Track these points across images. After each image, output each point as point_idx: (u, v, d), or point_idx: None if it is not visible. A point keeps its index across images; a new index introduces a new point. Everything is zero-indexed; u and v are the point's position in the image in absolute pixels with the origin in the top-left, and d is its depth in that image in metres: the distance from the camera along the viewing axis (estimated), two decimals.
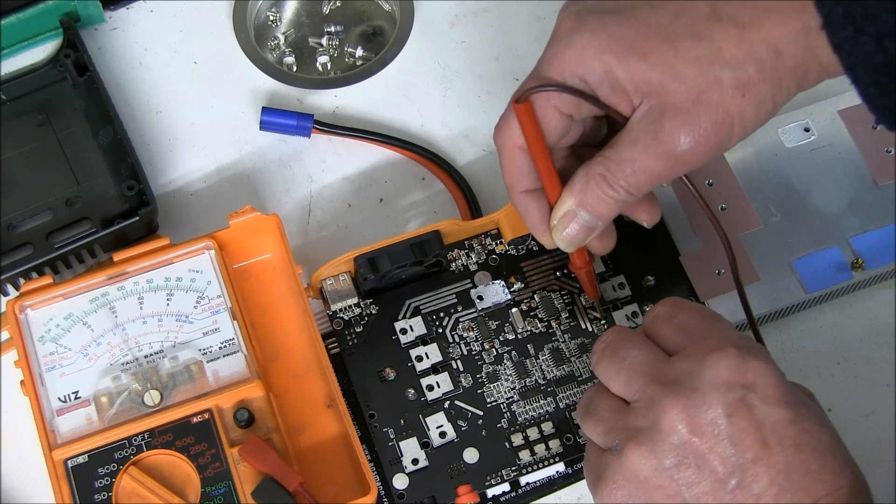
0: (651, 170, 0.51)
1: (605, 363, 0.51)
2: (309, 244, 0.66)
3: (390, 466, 0.58)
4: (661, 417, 0.48)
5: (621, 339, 0.51)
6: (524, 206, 0.56)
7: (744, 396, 0.47)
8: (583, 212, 0.54)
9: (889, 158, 0.65)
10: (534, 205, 0.56)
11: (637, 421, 0.49)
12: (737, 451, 0.47)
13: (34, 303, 0.60)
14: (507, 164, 0.56)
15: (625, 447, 0.48)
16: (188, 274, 0.61)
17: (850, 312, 0.64)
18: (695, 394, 0.47)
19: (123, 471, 0.56)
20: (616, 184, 0.52)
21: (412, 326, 0.61)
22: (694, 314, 0.52)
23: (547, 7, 0.73)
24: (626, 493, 0.49)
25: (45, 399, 0.57)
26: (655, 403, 0.48)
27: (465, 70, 0.71)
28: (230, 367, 0.58)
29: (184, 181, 0.68)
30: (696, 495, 0.47)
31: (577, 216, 0.54)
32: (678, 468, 0.47)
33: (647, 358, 0.50)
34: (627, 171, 0.52)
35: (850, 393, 0.61)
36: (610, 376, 0.51)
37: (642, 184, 0.52)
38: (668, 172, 0.52)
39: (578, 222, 0.54)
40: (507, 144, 0.55)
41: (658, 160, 0.51)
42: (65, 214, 0.64)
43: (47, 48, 0.70)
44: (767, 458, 0.47)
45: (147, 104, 0.70)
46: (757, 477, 0.47)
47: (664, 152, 0.51)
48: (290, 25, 0.74)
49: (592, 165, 0.53)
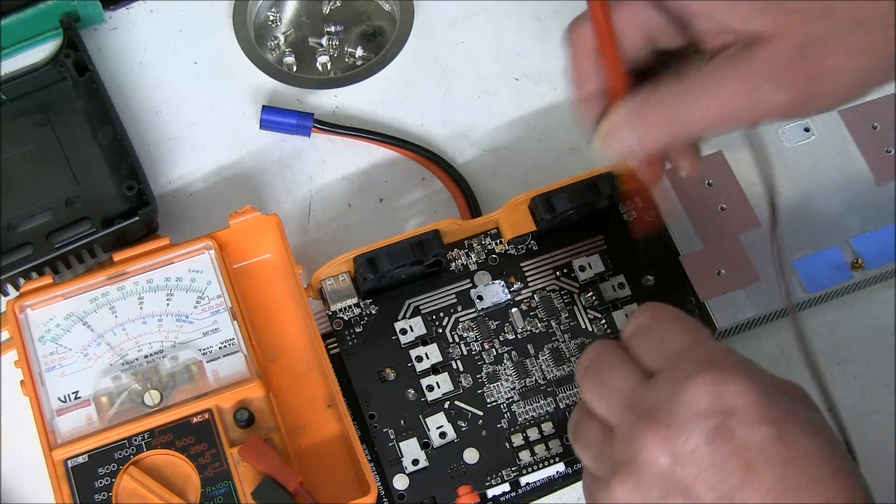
0: (723, 106, 0.48)
1: (588, 385, 0.51)
2: (309, 244, 0.66)
3: (390, 467, 0.58)
4: (641, 450, 0.47)
5: (601, 361, 0.51)
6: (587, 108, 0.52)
7: (723, 422, 0.46)
8: (628, 129, 0.50)
9: (889, 158, 0.65)
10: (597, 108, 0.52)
11: (620, 452, 0.48)
12: (722, 477, 0.46)
13: (34, 303, 0.60)
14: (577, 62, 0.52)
15: (611, 481, 0.48)
16: (188, 274, 0.61)
17: (850, 312, 0.64)
18: (673, 424, 0.46)
19: (123, 471, 0.56)
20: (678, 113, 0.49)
21: (412, 326, 0.61)
22: (671, 327, 0.50)
23: (547, 7, 0.73)
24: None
25: (45, 399, 0.57)
26: (635, 435, 0.47)
27: (465, 70, 0.71)
28: (230, 367, 0.58)
29: (184, 181, 0.68)
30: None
31: (622, 132, 0.51)
32: (665, 500, 0.46)
33: (625, 382, 0.49)
34: (696, 102, 0.48)
35: (850, 393, 0.61)
36: (593, 399, 0.50)
37: (705, 120, 0.48)
38: (739, 114, 0.48)
39: (620, 139, 0.51)
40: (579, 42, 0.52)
41: (735, 95, 0.47)
42: (65, 214, 0.64)
43: (47, 48, 0.70)
44: (755, 480, 0.46)
45: (147, 104, 0.70)
46: (746, 499, 0.45)
47: (745, 87, 0.47)
48: (290, 25, 0.74)
49: (660, 85, 0.49)
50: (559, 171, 0.68)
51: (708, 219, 0.64)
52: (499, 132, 0.70)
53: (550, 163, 0.69)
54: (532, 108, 0.70)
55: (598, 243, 0.64)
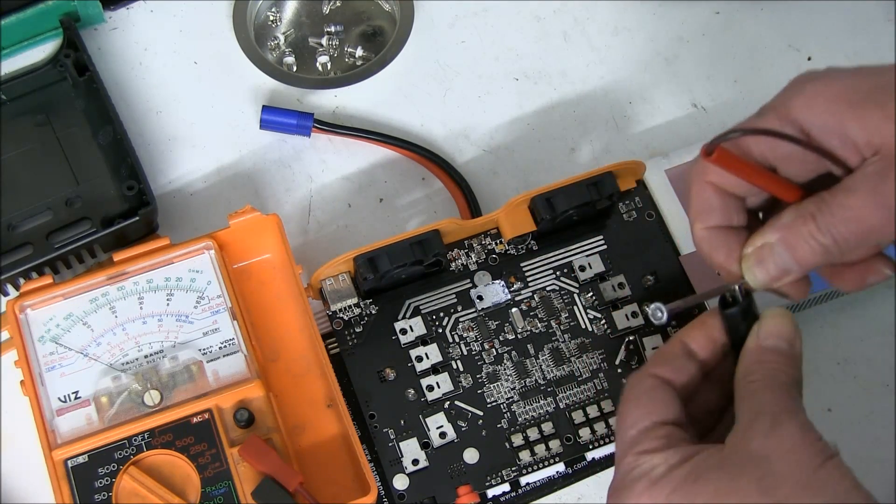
0: (866, 221, 0.48)
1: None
2: (309, 244, 0.66)
3: (390, 467, 0.58)
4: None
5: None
6: (708, 243, 0.53)
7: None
8: (781, 249, 0.50)
9: None
10: (721, 241, 0.53)
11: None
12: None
13: (34, 303, 0.60)
14: (696, 196, 0.53)
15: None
16: (188, 274, 0.61)
17: (850, 312, 0.64)
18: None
19: (123, 471, 0.56)
20: (826, 227, 0.49)
21: (412, 326, 0.61)
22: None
23: (547, 7, 0.73)
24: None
25: (45, 399, 0.57)
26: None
27: (465, 70, 0.71)
28: (230, 367, 0.58)
29: (184, 181, 0.68)
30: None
31: (774, 252, 0.51)
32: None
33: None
34: (842, 216, 0.48)
35: (850, 393, 0.61)
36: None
37: (853, 235, 0.48)
38: (883, 229, 0.48)
39: (774, 260, 0.51)
40: (698, 177, 0.53)
41: (876, 211, 0.48)
42: (65, 214, 0.64)
43: (47, 48, 0.70)
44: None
45: (147, 104, 0.70)
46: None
47: (884, 204, 0.47)
48: (290, 25, 0.74)
49: (805, 204, 0.49)
50: (559, 171, 0.68)
51: None
52: (499, 132, 0.70)
53: (550, 163, 0.69)
54: (532, 108, 0.70)
55: (598, 243, 0.64)
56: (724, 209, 0.52)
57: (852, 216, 0.48)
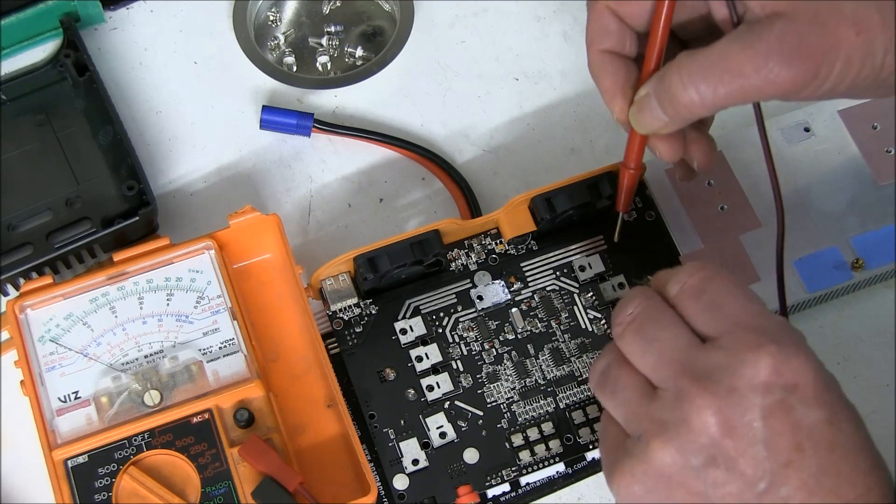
0: (739, 73, 0.48)
1: (631, 340, 0.49)
2: (309, 244, 0.66)
3: (390, 467, 0.58)
4: (692, 415, 0.46)
5: (650, 317, 0.49)
6: (599, 66, 0.54)
7: (783, 399, 0.45)
8: (654, 100, 0.52)
9: (889, 158, 0.65)
10: (609, 67, 0.54)
11: (665, 413, 0.47)
12: (770, 454, 0.45)
13: (34, 303, 0.60)
14: (595, 20, 0.54)
15: (650, 441, 0.47)
16: (188, 274, 0.61)
17: (850, 312, 0.64)
18: (732, 394, 0.45)
19: (123, 471, 0.56)
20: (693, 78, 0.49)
21: (412, 326, 0.61)
22: (726, 290, 0.49)
23: (547, 7, 0.73)
24: (644, 488, 0.47)
25: (45, 399, 0.57)
26: (687, 399, 0.46)
27: (465, 70, 0.71)
28: (230, 367, 0.58)
29: (184, 181, 0.68)
30: (722, 496, 0.46)
31: (650, 103, 0.52)
32: (706, 468, 0.46)
33: (678, 343, 0.48)
34: (714, 66, 0.49)
35: (850, 393, 0.61)
36: (635, 354, 0.49)
37: (721, 88, 0.49)
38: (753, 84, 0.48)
39: (651, 110, 0.52)
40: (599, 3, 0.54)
41: (751, 63, 0.48)
42: (65, 214, 0.64)
43: (47, 48, 0.70)
44: (800, 461, 0.45)
45: (147, 104, 0.70)
46: (787, 480, 0.45)
47: (762, 56, 0.48)
48: (290, 25, 0.74)
49: (681, 54, 0.51)
50: (559, 171, 0.68)
51: (708, 219, 0.64)
52: (499, 132, 0.70)
53: (550, 163, 0.69)
54: (532, 108, 0.70)
55: (598, 243, 0.64)
56: (620, 34, 0.54)
57: (728, 67, 0.49)
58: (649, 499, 0.47)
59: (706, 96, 0.49)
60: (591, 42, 0.55)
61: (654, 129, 0.53)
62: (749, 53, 0.48)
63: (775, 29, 0.48)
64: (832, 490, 0.45)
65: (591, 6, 0.54)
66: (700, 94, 0.49)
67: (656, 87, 0.51)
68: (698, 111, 0.50)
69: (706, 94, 0.49)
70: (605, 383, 0.50)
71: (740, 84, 0.49)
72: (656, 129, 0.53)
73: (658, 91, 0.51)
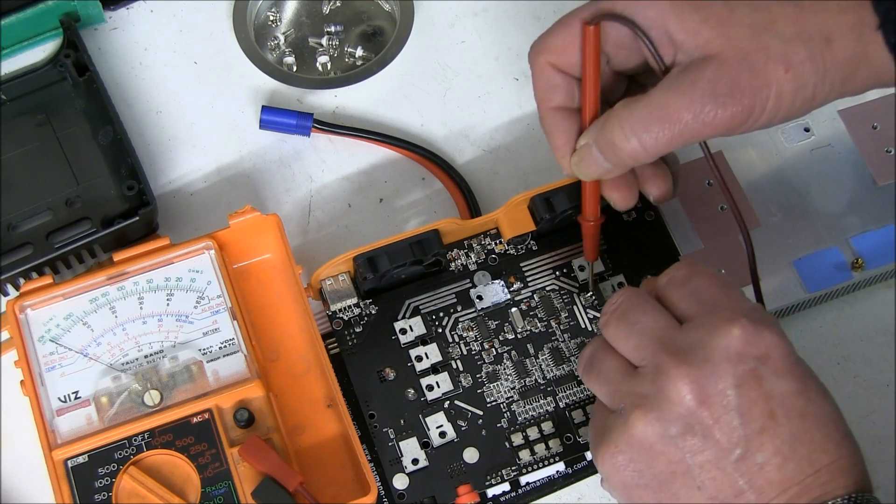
0: (677, 120, 0.50)
1: (615, 326, 0.52)
2: (309, 244, 0.66)
3: (390, 466, 0.58)
4: (669, 386, 0.48)
5: (633, 303, 0.52)
6: (551, 122, 0.56)
7: (755, 368, 0.48)
8: (595, 149, 0.53)
9: (889, 158, 0.65)
10: (561, 124, 0.56)
11: (644, 387, 0.49)
12: (743, 422, 0.47)
13: (34, 303, 0.60)
14: (540, 78, 0.55)
15: (630, 413, 0.49)
16: (188, 274, 0.61)
17: (850, 312, 0.64)
18: (705, 364, 0.48)
19: (123, 471, 0.56)
20: (634, 129, 0.51)
21: (412, 326, 0.61)
22: (709, 281, 0.52)
23: (546, 7, 0.73)
24: (627, 458, 0.49)
25: (45, 399, 0.57)
26: (664, 372, 0.48)
27: (465, 70, 0.71)
28: (230, 367, 0.58)
29: (184, 181, 0.68)
30: (699, 463, 0.48)
31: (592, 152, 0.54)
32: (683, 437, 0.48)
33: (657, 324, 0.50)
34: (652, 115, 0.51)
35: (850, 393, 0.61)
36: (618, 339, 0.51)
37: (661, 135, 0.51)
38: (691, 129, 0.50)
39: (593, 159, 0.54)
40: (539, 60, 0.55)
41: (688, 109, 0.50)
42: (65, 214, 0.64)
43: (47, 48, 0.70)
44: (773, 429, 0.47)
45: (147, 104, 0.70)
46: (762, 447, 0.47)
47: (697, 101, 0.50)
48: (290, 25, 0.74)
49: (619, 104, 0.52)
50: (559, 171, 0.68)
51: (708, 219, 0.64)
52: (499, 132, 0.70)
53: (550, 163, 0.68)
54: (532, 108, 0.70)
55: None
56: (566, 88, 0.55)
57: (664, 115, 0.50)
58: (632, 468, 0.49)
59: (648, 145, 0.51)
60: (541, 100, 0.56)
61: (599, 176, 0.55)
62: (686, 101, 0.50)
63: (707, 73, 0.50)
64: (805, 457, 0.47)
65: (533, 64, 0.55)
66: (643, 144, 0.51)
67: (597, 136, 0.53)
68: (642, 159, 0.52)
69: (648, 142, 0.51)
70: (591, 368, 0.52)
71: (680, 130, 0.51)
72: (601, 176, 0.55)
73: (599, 141, 0.53)
